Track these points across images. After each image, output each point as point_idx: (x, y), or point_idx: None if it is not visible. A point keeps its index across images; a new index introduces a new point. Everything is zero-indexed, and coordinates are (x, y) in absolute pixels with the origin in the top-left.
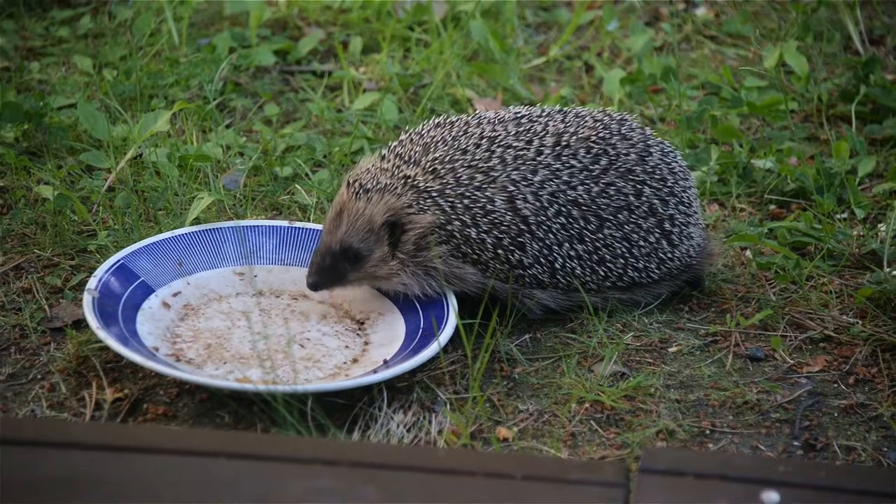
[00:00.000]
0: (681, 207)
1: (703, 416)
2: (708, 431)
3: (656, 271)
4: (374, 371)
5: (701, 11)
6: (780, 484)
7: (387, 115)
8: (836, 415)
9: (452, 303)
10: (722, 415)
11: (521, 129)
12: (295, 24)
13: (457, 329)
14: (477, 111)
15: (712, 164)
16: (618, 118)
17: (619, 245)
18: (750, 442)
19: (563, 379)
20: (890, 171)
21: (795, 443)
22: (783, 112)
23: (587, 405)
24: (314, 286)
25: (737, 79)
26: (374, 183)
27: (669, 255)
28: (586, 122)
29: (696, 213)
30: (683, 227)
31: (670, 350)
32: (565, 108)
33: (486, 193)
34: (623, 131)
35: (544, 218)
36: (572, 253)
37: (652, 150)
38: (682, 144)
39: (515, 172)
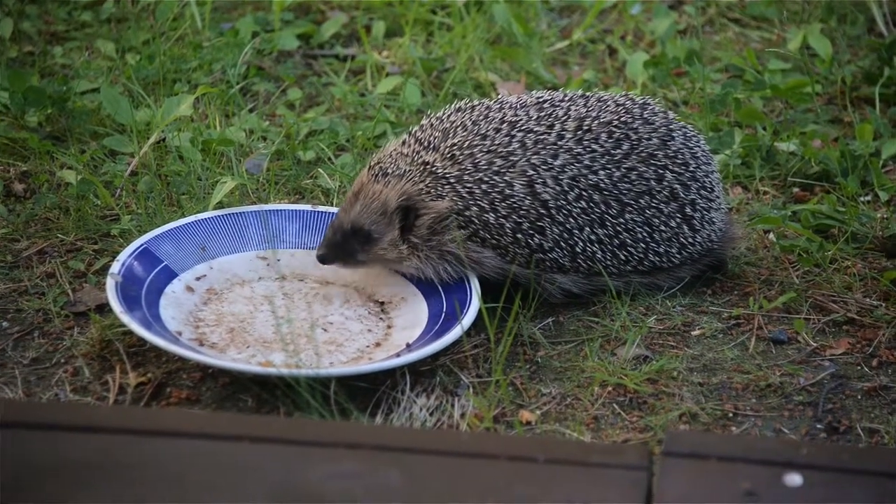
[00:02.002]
0: (703, 192)
1: (726, 399)
2: (731, 414)
3: (677, 256)
4: (397, 355)
5: None
6: (804, 466)
7: (410, 100)
8: (859, 397)
9: (475, 286)
10: (745, 398)
11: (543, 113)
12: (318, 8)
13: (479, 313)
14: (500, 95)
15: (736, 147)
16: (640, 102)
17: (640, 230)
18: (773, 425)
19: (586, 362)
20: None
21: (818, 425)
22: (807, 95)
23: (610, 388)
24: (322, 259)
25: (760, 61)
26: (395, 168)
27: (691, 239)
28: (608, 106)
29: (718, 197)
30: (705, 212)
31: (693, 333)
32: (587, 93)
33: (505, 178)
34: (645, 115)
35: (564, 202)
36: (593, 237)
37: (674, 134)
38: (705, 127)
39: (535, 157)
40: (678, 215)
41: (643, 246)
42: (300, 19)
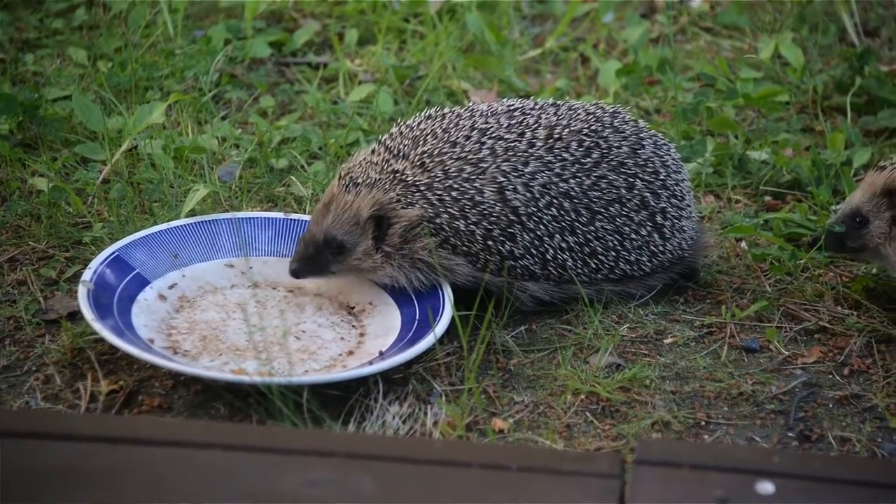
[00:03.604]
0: (673, 201)
1: (699, 408)
2: (703, 423)
3: (648, 264)
4: (370, 362)
5: (696, 3)
6: (775, 475)
7: (382, 107)
8: (830, 406)
9: (448, 294)
10: (717, 406)
11: (514, 121)
12: (290, 16)
13: (452, 320)
14: (472, 103)
15: (708, 156)
16: (610, 111)
17: (610, 238)
18: (745, 433)
19: (559, 370)
20: None
21: (790, 434)
22: (778, 103)
23: (583, 397)
24: (295, 273)
25: (732, 70)
26: (365, 177)
27: (661, 247)
28: (579, 114)
29: (689, 206)
30: (675, 221)
31: (666, 341)
32: (558, 102)
33: (476, 185)
34: (615, 124)
35: (535, 209)
36: (563, 245)
37: (644, 142)
38: (677, 136)
39: (506, 164)
40: (648, 223)
41: (614, 254)
42: (272, 27)
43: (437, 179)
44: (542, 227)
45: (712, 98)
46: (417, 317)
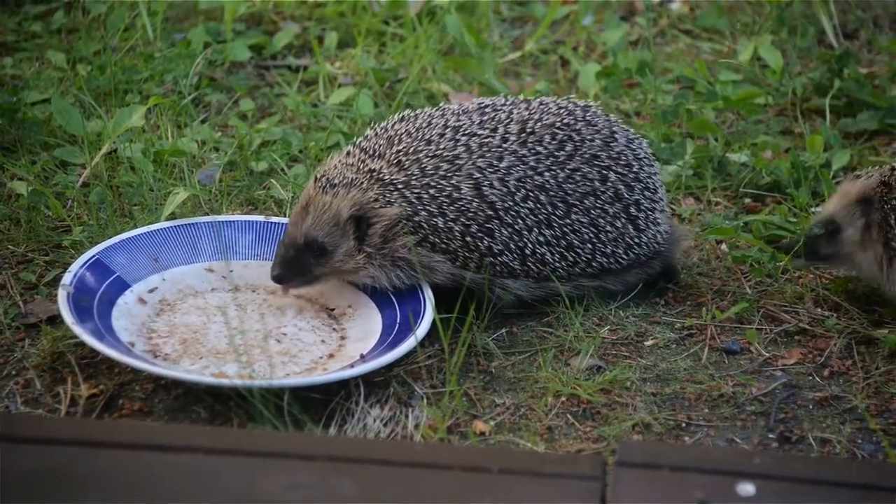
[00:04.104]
0: (646, 193)
1: (679, 410)
2: (684, 424)
3: (624, 257)
4: (351, 365)
5: (676, 6)
6: (756, 476)
7: (362, 110)
8: (810, 407)
9: (429, 297)
10: (698, 408)
11: (486, 117)
12: (270, 19)
13: (433, 323)
14: (444, 104)
15: (688, 158)
16: (582, 105)
17: (586, 230)
18: (725, 435)
19: (540, 373)
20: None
21: (771, 435)
22: (758, 106)
23: (564, 399)
24: (278, 279)
25: (712, 73)
26: (341, 178)
27: (636, 239)
28: (550, 109)
29: (661, 199)
30: (649, 213)
31: (646, 344)
32: (529, 98)
33: (452, 182)
34: (587, 117)
35: (512, 203)
36: (541, 238)
37: (617, 136)
38: (657, 138)
39: (481, 160)
40: (623, 215)
41: (590, 247)
42: (252, 30)
43: (414, 177)
44: (519, 221)
45: (692, 100)
46: (398, 320)
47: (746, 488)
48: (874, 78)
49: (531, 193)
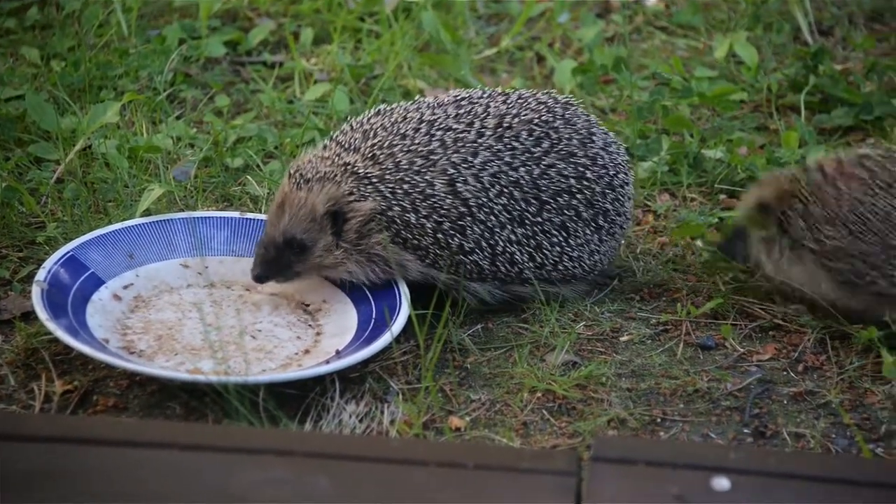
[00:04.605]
0: (616, 203)
1: (654, 405)
2: (659, 420)
3: (588, 261)
4: (327, 361)
5: (651, 2)
6: (731, 471)
7: (338, 106)
8: (785, 402)
9: (405, 292)
10: (673, 403)
11: (462, 111)
12: (245, 15)
13: (409, 319)
14: (419, 98)
15: (663, 154)
16: (562, 101)
17: (556, 231)
18: (700, 430)
19: (515, 368)
20: None
21: (745, 430)
22: (733, 102)
23: (539, 394)
24: (259, 278)
25: (687, 69)
26: (315, 172)
27: (598, 248)
28: (529, 104)
29: (627, 212)
30: (613, 223)
31: (622, 339)
32: (507, 91)
33: (426, 177)
34: (567, 116)
35: (486, 199)
36: (512, 237)
37: (595, 137)
38: (633, 134)
39: (456, 155)
40: (593, 224)
41: (559, 249)
42: (227, 26)
43: (389, 171)
44: (492, 218)
45: (667, 97)
46: (374, 315)
47: (722, 483)
48: (849, 74)
49: (505, 189)
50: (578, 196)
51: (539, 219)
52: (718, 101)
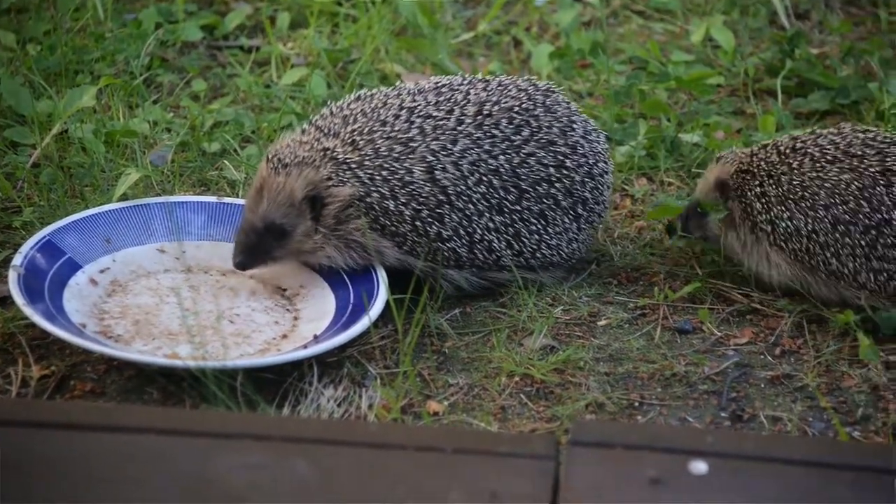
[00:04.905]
0: (595, 192)
1: (632, 389)
2: (636, 404)
3: (566, 250)
4: (305, 346)
5: None
6: (708, 454)
7: (315, 91)
8: (762, 386)
9: (383, 277)
10: (650, 387)
11: (442, 98)
12: (222, 0)
13: (387, 304)
14: (400, 83)
15: (640, 139)
16: (543, 88)
17: (535, 220)
18: (678, 413)
19: (493, 353)
20: None
21: (723, 414)
22: (710, 86)
23: (517, 379)
24: (241, 266)
25: (664, 53)
26: (293, 157)
27: (577, 236)
28: (510, 91)
29: (605, 200)
30: (591, 212)
31: (599, 323)
32: (487, 77)
33: (405, 164)
34: (548, 103)
35: (464, 187)
36: (491, 225)
37: (575, 125)
38: (610, 119)
39: (435, 143)
40: (571, 212)
41: (537, 237)
42: (204, 10)
43: (368, 158)
44: (470, 206)
45: (644, 81)
46: (352, 300)
47: (699, 466)
48: (825, 58)
49: (484, 178)
50: (558, 185)
51: (518, 207)
52: (695, 86)
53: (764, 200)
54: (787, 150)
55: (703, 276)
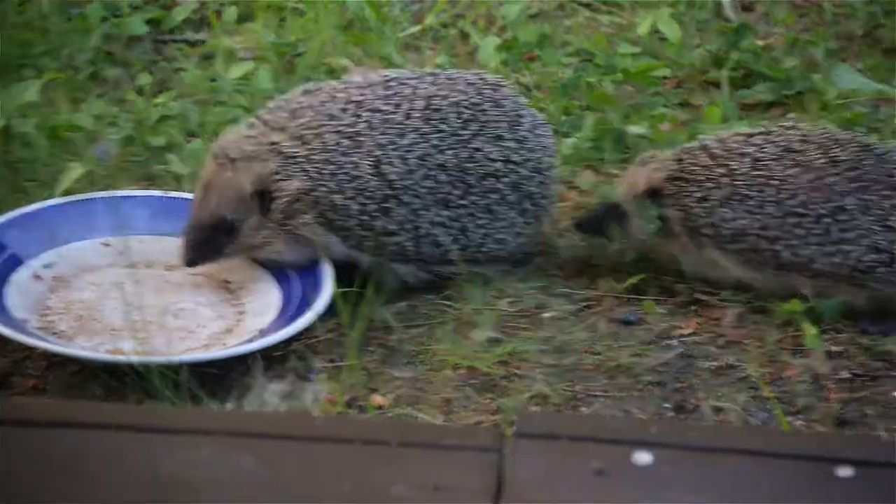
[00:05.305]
0: (542, 187)
1: (577, 381)
2: (581, 395)
3: (513, 243)
4: (250, 340)
5: None
6: (652, 445)
7: (262, 85)
8: (706, 377)
9: (329, 271)
10: (595, 379)
11: (390, 92)
12: None
13: (333, 297)
14: (348, 77)
15: (586, 131)
16: (492, 82)
17: (481, 215)
18: (622, 405)
19: (439, 346)
20: None
21: (666, 405)
22: (656, 78)
23: (462, 371)
24: (191, 262)
25: (611, 45)
26: (240, 152)
27: (523, 230)
28: (458, 85)
29: (552, 194)
30: (540, 202)
31: (545, 316)
32: (437, 71)
33: (353, 159)
34: (496, 98)
35: (411, 182)
36: (437, 219)
37: (523, 119)
38: (557, 111)
39: (382, 137)
40: (518, 206)
41: (483, 231)
42: (150, 4)
43: (315, 152)
44: (417, 200)
45: (591, 73)
46: (298, 294)
47: (643, 457)
48: (771, 50)
49: (431, 172)
50: (504, 179)
51: (464, 202)
52: (642, 78)
53: (706, 205)
54: (721, 153)
55: (647, 267)
